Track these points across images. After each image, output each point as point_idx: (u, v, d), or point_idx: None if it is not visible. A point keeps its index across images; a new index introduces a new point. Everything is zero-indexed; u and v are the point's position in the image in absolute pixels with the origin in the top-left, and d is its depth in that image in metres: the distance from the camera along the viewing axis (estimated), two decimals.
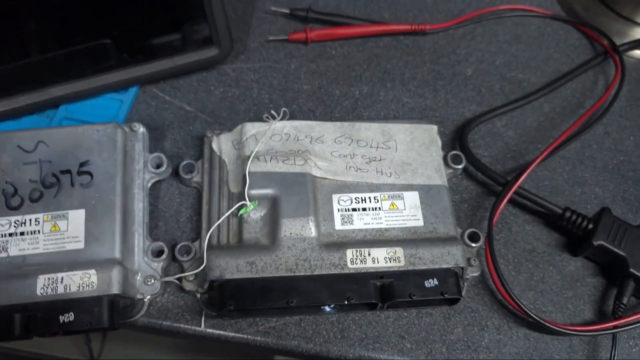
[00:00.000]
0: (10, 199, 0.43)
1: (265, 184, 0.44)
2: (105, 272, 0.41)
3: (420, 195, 0.46)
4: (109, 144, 0.45)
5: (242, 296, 0.41)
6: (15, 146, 0.45)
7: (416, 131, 0.49)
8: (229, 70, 0.56)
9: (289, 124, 0.48)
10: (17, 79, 0.50)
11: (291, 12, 0.59)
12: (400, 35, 0.59)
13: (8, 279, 0.40)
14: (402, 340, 0.44)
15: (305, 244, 0.42)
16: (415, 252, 0.42)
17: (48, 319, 0.40)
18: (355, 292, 0.41)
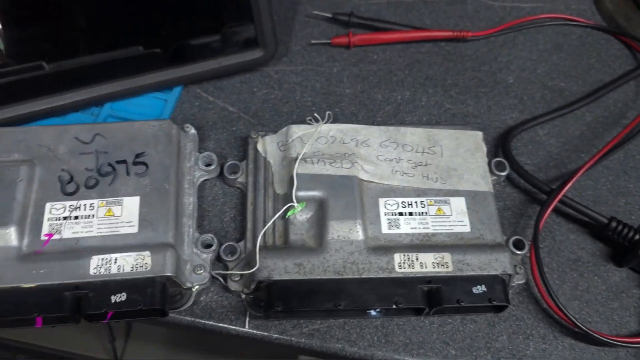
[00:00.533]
0: (65, 185, 0.44)
1: (313, 186, 0.44)
2: (159, 254, 0.41)
3: (466, 201, 0.45)
4: (164, 138, 0.46)
5: (290, 297, 0.41)
6: (72, 138, 0.46)
7: (461, 137, 0.49)
8: (271, 72, 0.56)
9: (335, 127, 0.48)
10: (66, 76, 0.51)
11: (333, 17, 0.60)
12: (441, 41, 0.60)
13: (61, 259, 0.41)
14: (446, 347, 0.44)
15: (353, 247, 0.42)
16: (462, 258, 0.42)
17: (99, 299, 0.40)
18: (403, 297, 0.41)
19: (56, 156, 0.45)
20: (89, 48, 0.51)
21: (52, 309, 0.40)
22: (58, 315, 0.40)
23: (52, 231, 0.43)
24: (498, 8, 0.62)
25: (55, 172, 0.45)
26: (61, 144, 0.46)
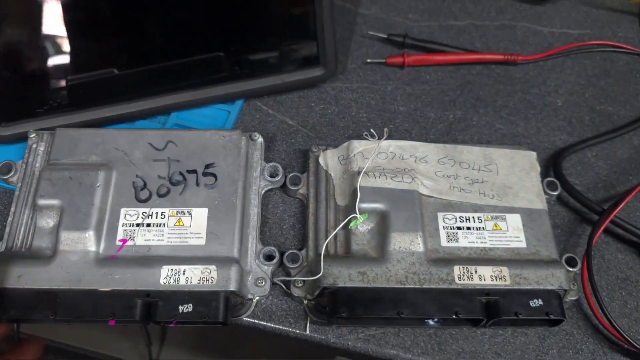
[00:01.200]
0: (139, 191, 0.46)
1: (375, 199, 0.46)
2: (224, 269, 0.43)
3: (522, 218, 0.47)
4: (234, 150, 0.48)
5: (355, 304, 0.42)
6: (146, 143, 0.48)
7: (516, 156, 0.51)
8: (328, 88, 0.59)
9: (394, 143, 0.50)
10: (139, 83, 0.54)
11: (388, 37, 0.62)
12: (492, 64, 0.62)
13: (134, 266, 0.43)
14: (497, 357, 0.46)
15: (414, 258, 0.44)
16: (520, 272, 0.44)
17: (168, 308, 0.42)
18: (462, 308, 0.42)
19: (131, 161, 0.48)
20: (159, 60, 0.54)
21: (125, 313, 0.42)
22: (129, 320, 0.42)
23: (126, 237, 0.45)
24: (547, 33, 0.64)
25: (130, 178, 0.47)
26: (136, 149, 0.48)
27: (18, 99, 0.52)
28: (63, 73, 0.52)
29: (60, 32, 0.50)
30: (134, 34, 0.52)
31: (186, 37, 0.54)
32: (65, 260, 0.43)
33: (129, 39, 0.53)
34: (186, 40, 0.54)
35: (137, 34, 0.52)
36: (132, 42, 0.53)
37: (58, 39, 0.50)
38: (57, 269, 0.43)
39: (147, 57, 0.53)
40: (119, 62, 0.53)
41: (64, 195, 0.45)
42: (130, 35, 0.53)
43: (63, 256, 0.43)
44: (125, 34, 0.52)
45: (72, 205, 0.45)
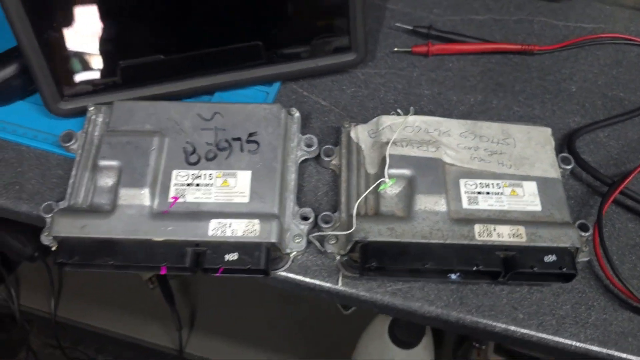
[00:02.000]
0: (189, 156, 0.51)
1: (403, 165, 0.51)
2: (266, 223, 0.48)
3: (537, 185, 0.51)
4: (274, 121, 0.53)
5: (384, 256, 0.47)
6: (195, 114, 0.53)
7: (532, 132, 0.55)
8: (359, 74, 0.64)
9: (420, 119, 0.55)
10: (185, 66, 0.59)
11: (414, 29, 0.67)
12: (510, 54, 0.66)
13: (185, 220, 0.48)
14: (514, 311, 0.49)
15: (438, 217, 0.49)
16: (535, 231, 0.48)
17: (215, 256, 0.47)
18: (482, 261, 0.47)
19: (182, 129, 0.53)
20: (201, 47, 0.59)
21: (176, 260, 0.47)
22: (180, 266, 0.47)
23: (177, 195, 0.50)
24: (562, 27, 0.69)
25: (181, 144, 0.52)
26: (186, 119, 0.53)
27: (78, 77, 0.57)
28: (117, 56, 0.57)
29: (115, 19, 0.55)
30: (177, 25, 0.57)
31: (226, 27, 0.59)
32: (123, 214, 0.48)
33: (173, 30, 0.57)
34: (226, 30, 0.59)
35: (180, 25, 0.57)
36: (176, 32, 0.58)
37: (113, 25, 0.56)
38: (116, 221, 0.48)
39: (189, 45, 0.58)
40: (164, 49, 0.58)
41: (122, 157, 0.50)
42: (173, 26, 0.57)
43: (121, 210, 0.48)
44: (169, 24, 0.57)
45: (130, 166, 0.50)
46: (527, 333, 0.48)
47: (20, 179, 0.55)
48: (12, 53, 0.58)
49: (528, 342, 0.49)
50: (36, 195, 0.54)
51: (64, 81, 0.56)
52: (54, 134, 0.58)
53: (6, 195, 0.54)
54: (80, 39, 0.55)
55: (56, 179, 0.55)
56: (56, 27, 0.53)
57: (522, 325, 0.49)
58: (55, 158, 0.57)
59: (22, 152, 0.57)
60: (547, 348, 0.49)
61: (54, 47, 0.54)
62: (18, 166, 0.56)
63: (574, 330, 0.48)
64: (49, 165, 0.56)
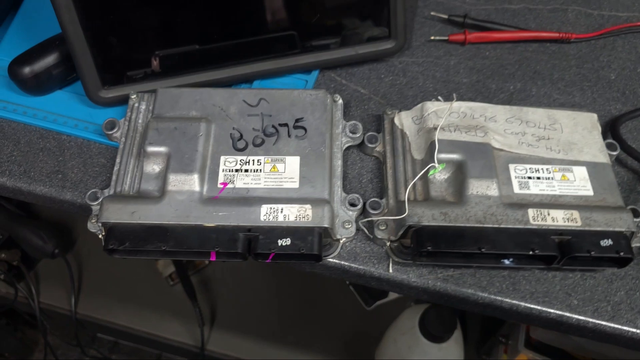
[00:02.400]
0: (236, 141, 0.51)
1: (451, 150, 0.51)
2: (318, 208, 0.47)
3: (587, 170, 0.51)
4: (320, 106, 0.52)
5: (439, 240, 0.46)
6: (240, 100, 0.53)
7: (578, 117, 0.55)
8: (396, 62, 0.64)
9: (465, 104, 0.55)
10: (223, 55, 0.58)
11: (449, 18, 0.67)
12: (547, 42, 0.66)
13: (236, 205, 0.47)
14: (569, 297, 0.49)
15: (491, 202, 0.48)
16: (589, 215, 0.47)
17: (268, 241, 0.46)
18: (538, 245, 0.46)
19: (228, 115, 0.53)
20: (241, 34, 0.58)
21: (228, 246, 0.46)
22: (231, 251, 0.47)
23: (226, 180, 0.50)
24: (597, 16, 0.69)
25: (228, 130, 0.52)
26: (232, 105, 0.53)
27: (119, 66, 0.56)
28: (156, 45, 0.57)
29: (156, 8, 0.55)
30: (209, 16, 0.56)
31: (261, 18, 0.58)
32: (173, 200, 0.48)
33: (205, 21, 0.57)
34: (262, 20, 0.58)
35: (211, 16, 0.56)
36: (207, 23, 0.57)
37: (154, 14, 0.55)
38: (166, 207, 0.47)
39: (223, 35, 0.58)
40: (199, 40, 0.57)
41: (170, 142, 0.50)
42: (205, 17, 0.57)
43: (171, 196, 0.48)
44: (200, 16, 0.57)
45: (178, 151, 0.50)
46: (583, 319, 0.48)
47: (62, 168, 0.55)
48: (52, 42, 0.58)
49: (584, 328, 0.48)
50: (79, 184, 0.54)
51: (106, 69, 0.56)
52: (93, 123, 0.57)
53: (50, 184, 0.54)
54: (122, 27, 0.55)
55: (98, 168, 0.55)
56: (100, 15, 0.53)
57: (577, 312, 0.48)
58: (96, 147, 0.56)
59: (63, 141, 0.57)
60: (603, 335, 0.48)
61: (97, 35, 0.53)
62: (60, 155, 0.56)
63: (630, 317, 0.48)
64: (91, 154, 0.56)
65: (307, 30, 0.59)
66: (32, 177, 0.54)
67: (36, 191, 0.54)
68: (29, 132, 0.57)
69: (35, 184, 0.54)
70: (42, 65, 0.57)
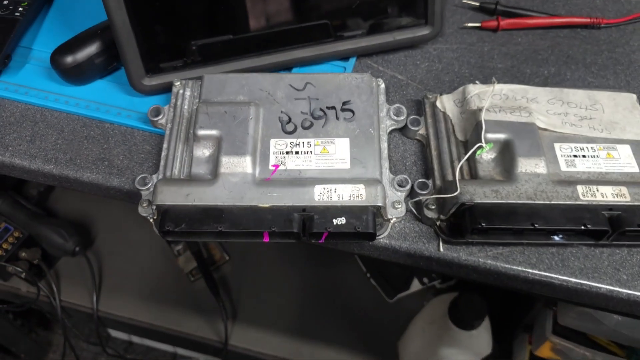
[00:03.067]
0: (285, 125, 0.51)
1: (498, 130, 0.51)
2: (371, 187, 0.48)
3: (631, 148, 0.52)
4: (367, 89, 0.53)
5: (492, 217, 0.47)
6: (287, 85, 0.53)
7: (618, 98, 0.55)
8: (430, 49, 0.64)
9: (506, 87, 0.56)
10: (255, 45, 0.59)
11: (481, 5, 0.68)
12: (578, 27, 0.67)
13: (289, 186, 0.48)
14: (617, 272, 0.50)
15: (540, 179, 0.49)
16: (638, 191, 0.48)
17: (323, 220, 0.47)
18: (590, 220, 0.47)
19: (275, 100, 0.53)
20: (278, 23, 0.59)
21: (284, 226, 0.47)
22: (288, 231, 0.47)
23: (277, 162, 0.50)
24: (624, 2, 0.70)
25: (276, 114, 0.52)
26: (278, 90, 0.54)
27: (162, 54, 0.57)
28: (195, 34, 0.57)
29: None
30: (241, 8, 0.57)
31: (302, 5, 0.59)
32: (227, 182, 0.48)
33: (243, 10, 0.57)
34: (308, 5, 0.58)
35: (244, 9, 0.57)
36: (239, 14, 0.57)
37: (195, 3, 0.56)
38: (220, 189, 0.48)
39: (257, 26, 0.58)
40: (233, 30, 0.58)
41: (221, 126, 0.50)
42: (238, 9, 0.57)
43: (224, 178, 0.48)
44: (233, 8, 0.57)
45: (229, 134, 0.50)
46: (634, 294, 0.49)
47: (108, 155, 0.55)
48: (92, 32, 0.58)
49: (634, 303, 0.49)
50: (126, 170, 0.54)
51: (149, 57, 0.56)
52: (137, 111, 0.58)
53: (96, 171, 0.54)
54: (166, 15, 0.55)
55: (143, 154, 0.55)
56: (146, 2, 0.53)
57: (627, 287, 0.49)
58: (140, 134, 0.57)
59: (106, 129, 0.57)
60: None
61: (142, 23, 0.54)
62: (104, 143, 0.56)
63: None
64: (135, 141, 0.56)
65: (345, 16, 0.60)
66: (79, 165, 0.54)
67: (83, 178, 0.54)
68: (72, 121, 0.58)
69: (82, 171, 0.54)
70: (84, 54, 0.57)
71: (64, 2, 0.67)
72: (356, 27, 0.60)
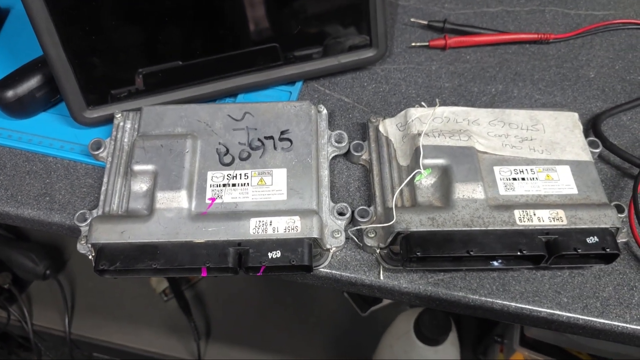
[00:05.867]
0: (223, 156, 0.51)
1: (437, 155, 0.51)
2: (306, 219, 0.48)
3: (571, 169, 0.52)
4: (305, 117, 0.53)
5: (428, 245, 0.47)
6: (225, 115, 0.53)
7: (559, 117, 0.55)
8: (378, 70, 0.64)
9: (448, 109, 0.55)
10: (202, 72, 0.58)
11: (429, 24, 0.67)
12: (526, 43, 0.67)
13: (225, 220, 0.48)
14: (558, 295, 0.49)
15: (477, 205, 0.49)
16: (575, 214, 0.48)
17: (258, 254, 0.46)
18: (525, 245, 0.47)
19: (213, 131, 0.53)
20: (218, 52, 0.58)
21: (219, 261, 0.46)
22: (222, 266, 0.47)
23: (214, 196, 0.50)
24: (574, 15, 0.70)
25: (214, 145, 0.52)
26: (217, 120, 0.53)
27: (103, 86, 0.57)
28: (139, 64, 0.57)
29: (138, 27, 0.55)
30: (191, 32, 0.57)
31: (243, 31, 0.59)
32: (162, 217, 0.48)
33: (188, 37, 0.57)
34: (244, 34, 0.59)
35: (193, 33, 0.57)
36: (190, 39, 0.57)
37: (135, 33, 0.55)
38: (155, 225, 0.48)
39: (206, 50, 0.58)
40: (182, 56, 0.58)
41: (157, 160, 0.50)
42: (187, 33, 0.57)
43: (159, 214, 0.48)
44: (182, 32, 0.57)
45: (165, 168, 0.50)
46: (573, 317, 0.48)
47: (49, 190, 0.55)
48: (34, 65, 0.58)
49: (575, 325, 0.49)
50: (67, 205, 0.54)
51: (89, 90, 0.56)
52: (79, 144, 0.57)
53: (37, 207, 0.54)
54: (104, 47, 0.55)
55: (86, 188, 0.55)
56: (82, 36, 0.53)
57: (567, 310, 0.49)
58: (83, 167, 0.57)
59: (49, 163, 0.57)
60: (594, 331, 0.49)
61: (79, 56, 0.54)
62: (47, 177, 0.56)
63: (619, 312, 0.49)
64: (78, 175, 0.56)
65: (289, 42, 0.59)
66: (20, 201, 0.54)
67: (24, 215, 0.54)
68: (15, 156, 0.57)
69: (22, 207, 0.54)
70: (25, 88, 0.57)
71: (10, 33, 0.67)
72: (300, 51, 0.60)
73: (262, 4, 0.57)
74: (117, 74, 0.57)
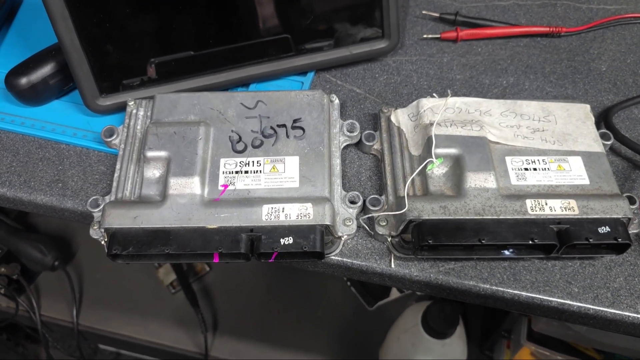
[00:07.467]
0: (235, 144, 0.51)
1: (449, 144, 0.51)
2: (319, 206, 0.48)
3: (582, 160, 0.52)
4: (317, 106, 0.53)
5: (439, 233, 0.47)
6: (238, 103, 0.53)
7: (571, 109, 0.55)
8: (390, 61, 0.64)
9: (460, 100, 0.55)
10: (214, 62, 0.59)
11: (440, 16, 0.68)
12: (538, 36, 0.67)
13: (237, 206, 0.48)
14: (569, 285, 0.49)
15: (489, 194, 0.49)
16: (586, 204, 0.48)
17: (270, 240, 0.47)
18: (537, 234, 0.47)
19: (226, 119, 0.53)
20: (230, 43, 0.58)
21: (231, 247, 0.47)
22: (234, 252, 0.47)
23: (227, 182, 0.50)
24: (585, 9, 0.70)
25: (226, 133, 0.52)
26: (229, 108, 0.54)
27: (116, 74, 0.57)
28: (152, 52, 0.57)
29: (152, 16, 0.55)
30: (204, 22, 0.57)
31: (255, 22, 0.59)
32: (175, 203, 0.48)
33: (200, 27, 0.57)
34: (256, 25, 0.59)
35: (206, 22, 0.57)
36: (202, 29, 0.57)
37: (149, 21, 0.56)
38: (168, 211, 0.48)
39: (218, 41, 0.58)
40: (194, 45, 0.58)
41: (170, 147, 0.50)
42: (200, 23, 0.57)
43: (172, 199, 0.48)
44: (195, 22, 0.57)
45: (178, 155, 0.50)
46: (584, 306, 0.48)
47: (62, 177, 0.55)
48: (47, 53, 0.58)
49: (585, 315, 0.49)
50: (80, 192, 0.54)
51: (103, 78, 0.56)
52: (92, 131, 0.58)
53: (50, 193, 0.54)
54: (118, 35, 0.55)
55: (98, 175, 0.55)
56: (96, 23, 0.53)
57: (577, 299, 0.49)
58: (96, 154, 0.57)
59: (61, 150, 0.57)
60: (604, 321, 0.49)
61: (93, 44, 0.54)
62: (59, 164, 0.56)
63: (630, 302, 0.48)
64: (90, 162, 0.56)
65: (301, 33, 0.60)
66: (33, 187, 0.54)
67: (37, 200, 0.54)
68: (28, 143, 0.58)
69: (35, 193, 0.54)
70: (39, 75, 0.57)
71: (23, 21, 0.67)
72: (313, 42, 0.60)
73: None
74: (130, 62, 0.57)
